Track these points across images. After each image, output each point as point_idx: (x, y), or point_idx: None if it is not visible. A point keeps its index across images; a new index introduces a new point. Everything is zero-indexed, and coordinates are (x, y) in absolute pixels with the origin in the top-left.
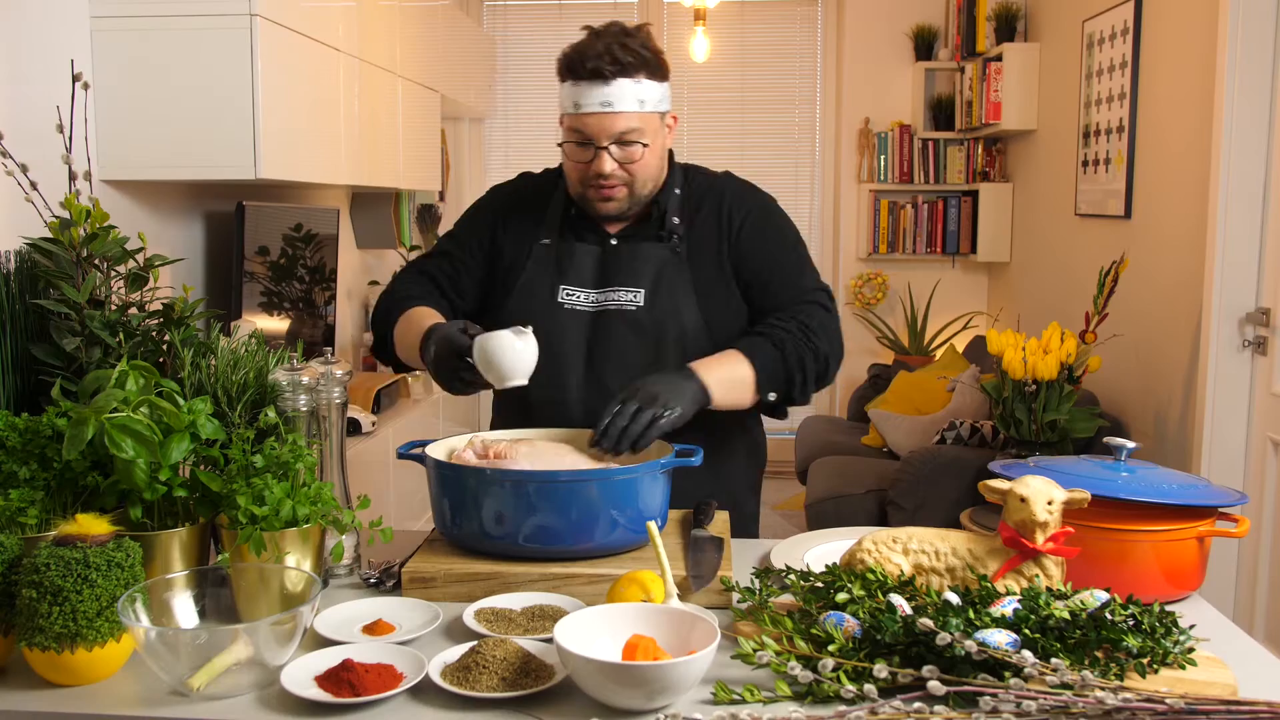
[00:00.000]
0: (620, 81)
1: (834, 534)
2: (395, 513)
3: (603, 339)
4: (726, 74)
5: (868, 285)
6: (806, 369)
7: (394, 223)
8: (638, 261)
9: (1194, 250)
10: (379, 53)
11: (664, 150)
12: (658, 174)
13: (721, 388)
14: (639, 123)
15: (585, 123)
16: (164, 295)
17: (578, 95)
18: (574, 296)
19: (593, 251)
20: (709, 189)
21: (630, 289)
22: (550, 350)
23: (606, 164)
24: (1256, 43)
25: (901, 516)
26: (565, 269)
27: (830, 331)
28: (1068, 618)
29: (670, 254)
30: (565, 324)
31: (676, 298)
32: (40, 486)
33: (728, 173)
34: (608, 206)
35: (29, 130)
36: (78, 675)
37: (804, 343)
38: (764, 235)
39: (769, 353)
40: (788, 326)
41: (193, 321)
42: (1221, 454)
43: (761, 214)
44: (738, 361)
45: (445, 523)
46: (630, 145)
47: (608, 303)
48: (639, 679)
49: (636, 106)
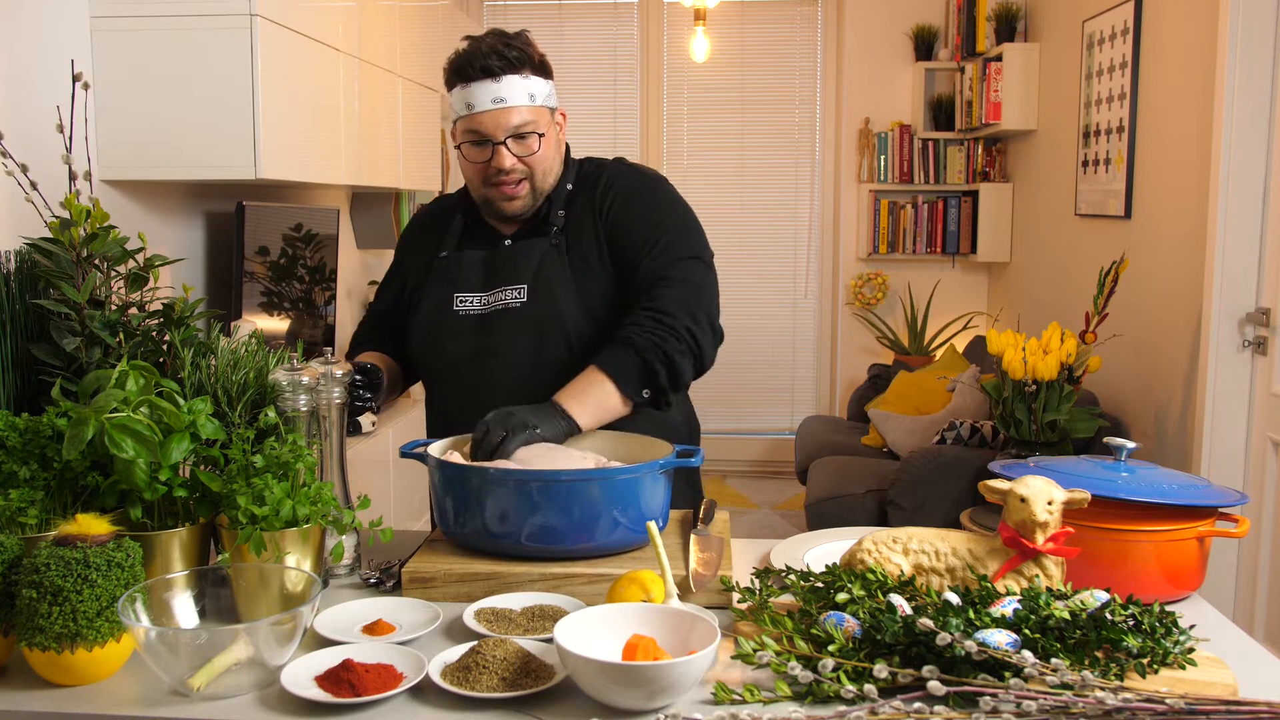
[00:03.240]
0: (509, 78)
1: (834, 534)
2: (395, 513)
3: (490, 338)
4: (726, 74)
5: (868, 285)
6: (669, 352)
7: (394, 223)
8: (521, 259)
9: (1194, 250)
10: (379, 53)
11: (559, 145)
12: (555, 167)
13: (586, 412)
14: (531, 115)
15: (480, 121)
16: (164, 295)
17: (469, 96)
18: (467, 302)
19: (480, 256)
20: (589, 176)
21: (514, 286)
22: (444, 356)
23: (506, 159)
24: (1256, 43)
25: (901, 516)
26: (457, 278)
27: (688, 305)
28: (1068, 618)
29: (549, 246)
30: (457, 330)
31: (555, 289)
32: (40, 486)
33: (618, 158)
34: (513, 206)
35: (29, 130)
36: (78, 675)
37: (656, 329)
38: (629, 212)
39: (621, 354)
40: (636, 320)
41: (193, 321)
42: (1221, 454)
43: (630, 192)
44: (595, 379)
45: (447, 522)
46: (526, 137)
47: (496, 303)
48: (639, 679)
49: (528, 101)
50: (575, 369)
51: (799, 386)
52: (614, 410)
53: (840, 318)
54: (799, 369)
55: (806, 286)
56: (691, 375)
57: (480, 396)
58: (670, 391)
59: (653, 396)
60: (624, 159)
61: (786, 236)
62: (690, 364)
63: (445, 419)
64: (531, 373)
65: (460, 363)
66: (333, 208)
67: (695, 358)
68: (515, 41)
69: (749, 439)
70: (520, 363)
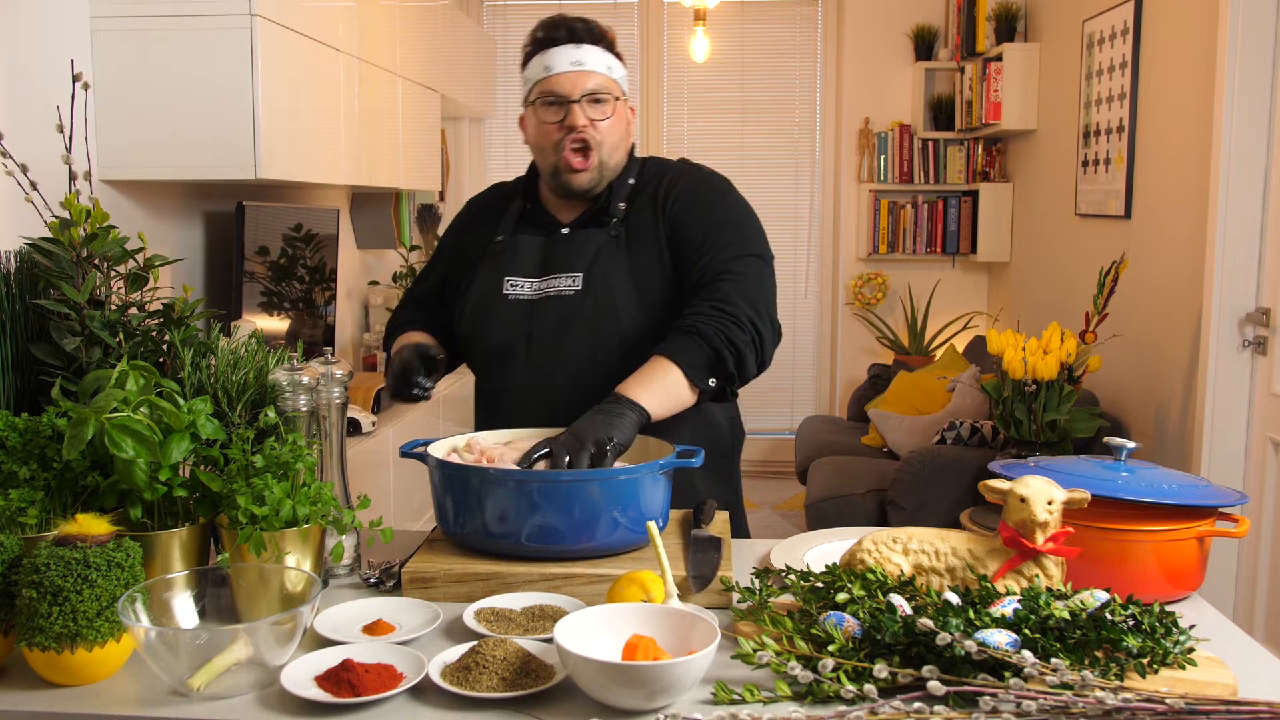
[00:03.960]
0: (590, 47)
1: (834, 534)
2: (395, 513)
3: (541, 325)
4: (726, 74)
5: (868, 285)
6: (735, 341)
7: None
8: (578, 247)
9: (1194, 250)
10: (379, 53)
11: (628, 130)
12: (622, 147)
13: (654, 399)
14: (607, 84)
15: (558, 81)
16: (164, 295)
17: (547, 59)
18: (518, 287)
19: (537, 242)
20: (655, 174)
21: (569, 274)
22: (492, 341)
23: (579, 117)
24: (1256, 43)
25: (901, 516)
26: (510, 262)
27: (750, 297)
28: (1068, 618)
29: (608, 238)
30: (507, 314)
31: (611, 280)
32: (40, 486)
33: (682, 159)
34: (579, 179)
35: (29, 130)
36: (78, 675)
37: (720, 316)
38: (692, 209)
39: (687, 342)
40: (698, 309)
41: (193, 321)
42: (1221, 454)
43: (694, 190)
44: (662, 366)
45: (448, 522)
46: (601, 102)
47: (548, 289)
48: (639, 679)
49: (605, 70)
50: (627, 362)
51: (799, 386)
52: (682, 399)
53: (840, 318)
54: (799, 369)
55: (806, 286)
56: (754, 370)
57: (531, 384)
58: (736, 381)
59: (719, 386)
60: (688, 159)
61: (786, 236)
62: (753, 357)
63: (492, 404)
64: (585, 364)
65: (511, 348)
66: (333, 208)
67: (758, 351)
68: (595, 24)
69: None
70: (574, 354)
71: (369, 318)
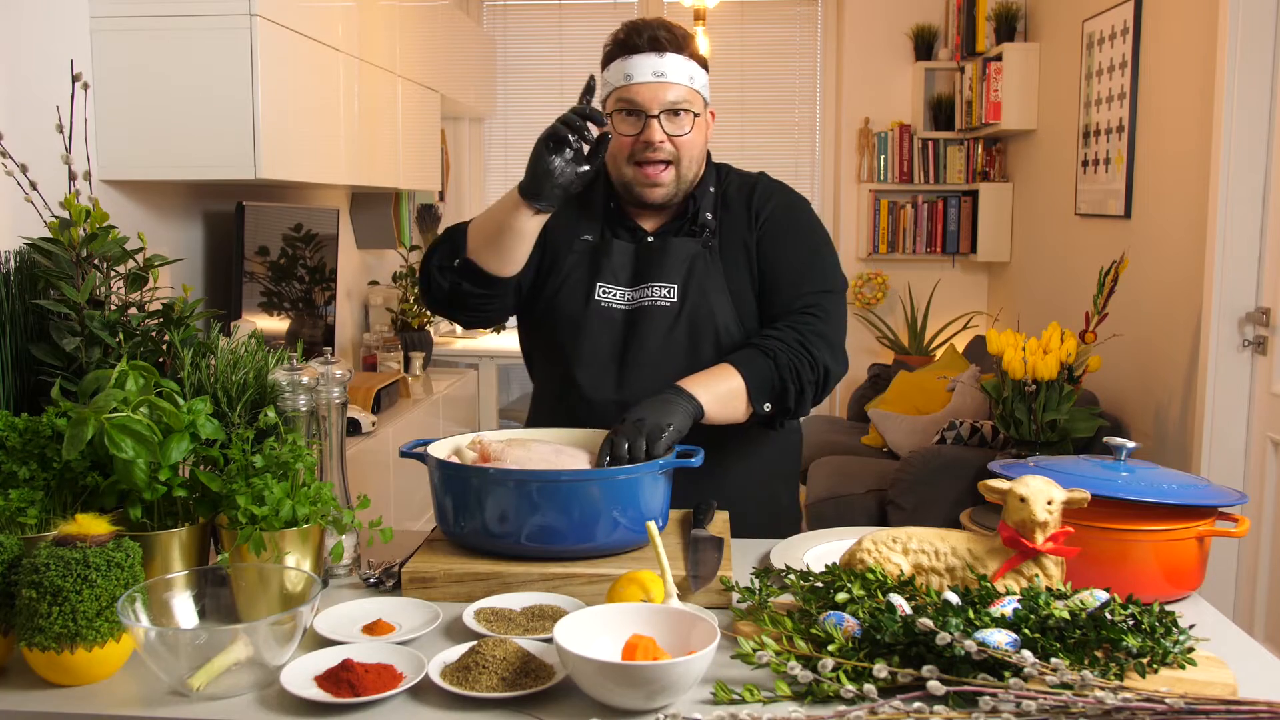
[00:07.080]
0: (673, 55)
1: (834, 534)
2: (395, 513)
3: (637, 337)
4: (726, 74)
5: (868, 285)
6: (803, 379)
7: (394, 223)
8: (671, 257)
9: (1194, 250)
10: (379, 53)
11: (706, 140)
12: (700, 159)
13: (712, 399)
14: (688, 95)
15: (637, 92)
16: (164, 295)
17: (629, 67)
18: (610, 295)
19: (629, 249)
20: (741, 185)
21: (664, 284)
22: (586, 350)
23: (656, 133)
24: (1256, 43)
25: (901, 516)
26: (602, 266)
27: (830, 341)
28: (1068, 618)
29: (702, 249)
30: (601, 323)
31: (708, 293)
32: (40, 486)
33: (762, 172)
34: (654, 193)
35: (29, 130)
36: (78, 675)
37: (800, 352)
38: (782, 234)
39: (761, 362)
40: (783, 336)
41: (192, 321)
42: (1221, 454)
43: (786, 213)
44: (727, 374)
45: (447, 522)
46: (680, 115)
47: (643, 299)
48: (639, 679)
49: (687, 81)
50: None
51: None
52: (736, 409)
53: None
54: None
55: None
56: (808, 409)
57: (618, 397)
58: (789, 415)
59: (770, 413)
60: (766, 173)
61: None
62: (812, 397)
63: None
64: (680, 377)
65: (603, 358)
66: (332, 208)
67: (818, 392)
68: (680, 29)
69: None
70: (671, 366)
71: (369, 318)
